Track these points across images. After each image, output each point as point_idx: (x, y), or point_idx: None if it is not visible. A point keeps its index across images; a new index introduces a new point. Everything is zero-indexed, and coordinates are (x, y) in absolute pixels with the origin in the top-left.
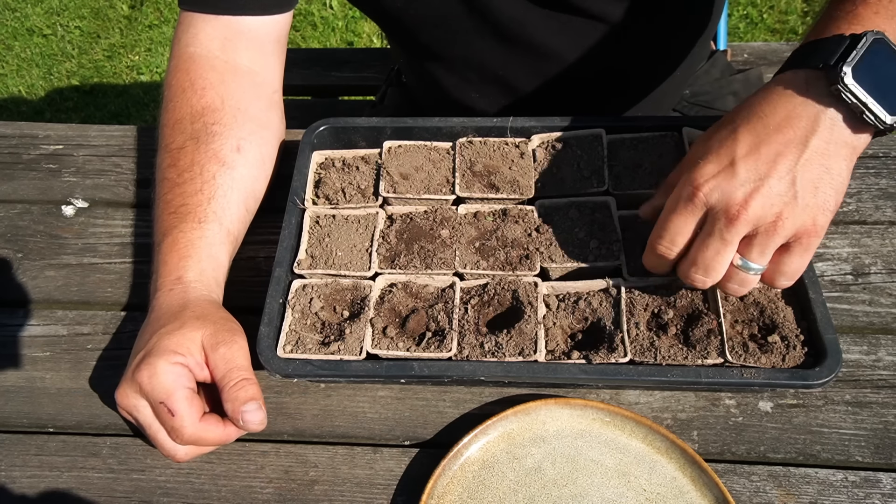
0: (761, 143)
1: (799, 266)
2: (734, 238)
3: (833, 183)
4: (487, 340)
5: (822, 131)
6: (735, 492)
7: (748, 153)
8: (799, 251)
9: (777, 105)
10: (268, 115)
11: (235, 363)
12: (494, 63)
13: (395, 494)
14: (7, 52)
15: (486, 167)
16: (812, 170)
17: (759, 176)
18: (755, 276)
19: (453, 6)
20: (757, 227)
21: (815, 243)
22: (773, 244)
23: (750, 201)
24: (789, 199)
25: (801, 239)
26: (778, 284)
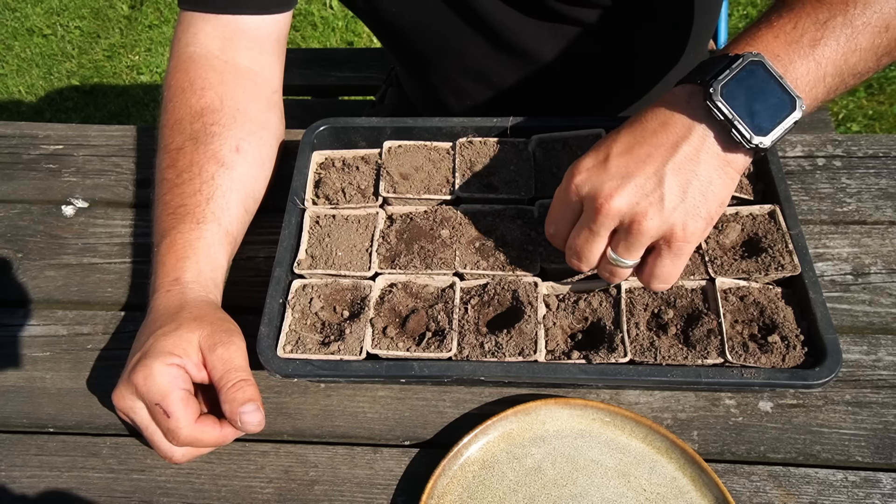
0: (635, 144)
1: (670, 271)
2: (600, 230)
3: (703, 188)
4: (487, 340)
5: (692, 139)
6: (735, 492)
7: (622, 152)
8: (669, 255)
9: (658, 113)
10: (267, 115)
11: (233, 364)
12: (489, 71)
13: (395, 494)
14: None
15: (486, 167)
16: (681, 173)
17: (627, 173)
18: (626, 270)
19: (446, 14)
20: (622, 221)
21: (687, 249)
22: (638, 242)
23: (614, 195)
24: (655, 199)
25: (670, 242)
26: (653, 287)
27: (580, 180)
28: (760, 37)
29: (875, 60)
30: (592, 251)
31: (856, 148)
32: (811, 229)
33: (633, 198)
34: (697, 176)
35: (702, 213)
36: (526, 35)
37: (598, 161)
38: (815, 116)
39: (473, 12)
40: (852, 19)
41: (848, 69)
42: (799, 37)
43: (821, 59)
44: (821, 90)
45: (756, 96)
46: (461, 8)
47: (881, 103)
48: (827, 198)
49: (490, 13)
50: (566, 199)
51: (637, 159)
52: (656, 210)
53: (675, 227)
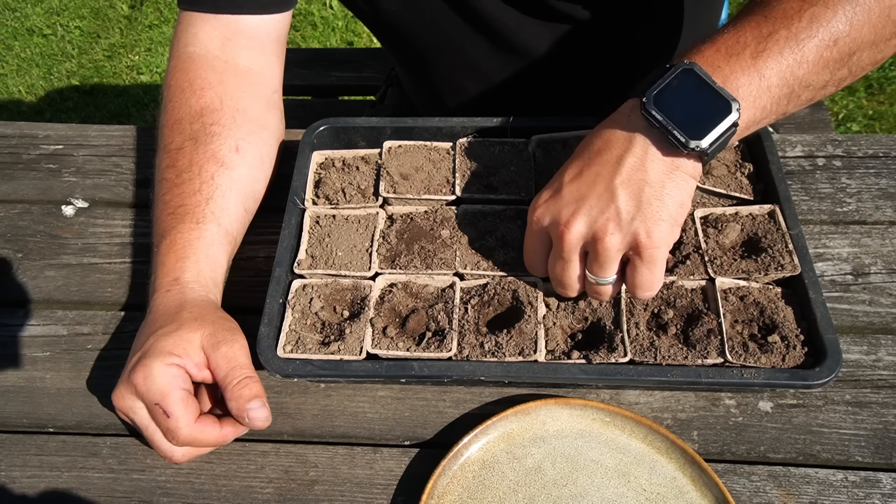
0: (584, 167)
1: (649, 278)
2: (570, 255)
3: (657, 193)
4: (487, 340)
5: (635, 150)
6: (735, 492)
7: (573, 178)
8: (642, 264)
9: (602, 132)
10: (267, 115)
11: (237, 362)
12: (489, 70)
13: (395, 494)
14: (7, 52)
15: (486, 167)
16: (631, 185)
17: (580, 196)
18: (609, 287)
19: (446, 13)
20: (586, 243)
21: (658, 255)
22: (608, 258)
23: (573, 221)
24: (612, 215)
25: (639, 252)
26: (639, 296)
27: (539, 214)
28: (702, 51)
29: (829, 74)
30: (571, 277)
31: (856, 148)
32: (811, 229)
33: (590, 218)
34: (648, 183)
35: (662, 217)
36: (526, 34)
37: (552, 192)
38: (815, 116)
39: (473, 11)
40: (797, 33)
41: (796, 81)
42: (741, 49)
43: (763, 70)
44: (766, 100)
45: (689, 102)
46: (461, 7)
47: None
48: (827, 198)
49: (490, 12)
50: (533, 234)
51: (587, 181)
52: (615, 225)
53: (638, 236)
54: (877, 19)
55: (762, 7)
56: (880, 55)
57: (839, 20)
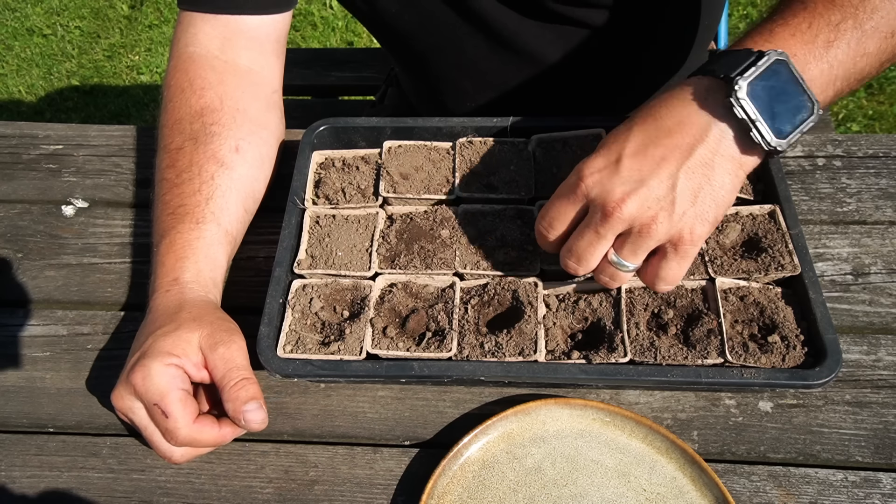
0: (649, 144)
1: (676, 272)
2: (608, 233)
3: (714, 194)
4: (487, 340)
5: (709, 141)
6: (735, 492)
7: (635, 152)
8: (675, 258)
9: (673, 109)
10: (267, 115)
11: (235, 363)
12: (489, 71)
13: (395, 494)
14: (7, 52)
15: (486, 167)
16: (693, 178)
17: (640, 177)
18: (627, 274)
19: (446, 14)
20: (631, 226)
21: (692, 252)
22: (646, 246)
23: (627, 200)
24: (667, 203)
25: (676, 246)
26: (657, 288)
27: (591, 182)
28: (777, 34)
29: (878, 65)
30: (595, 254)
31: (856, 148)
32: (811, 229)
33: (646, 202)
34: (710, 181)
35: (709, 218)
36: (526, 36)
37: (609, 162)
38: None
39: (473, 13)
40: (862, 23)
41: (855, 73)
42: (814, 37)
43: (833, 62)
44: (831, 93)
45: (778, 97)
46: (461, 9)
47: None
48: (827, 198)
49: (489, 14)
50: (571, 199)
51: (651, 162)
52: (667, 214)
53: (683, 231)
54: None
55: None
56: None
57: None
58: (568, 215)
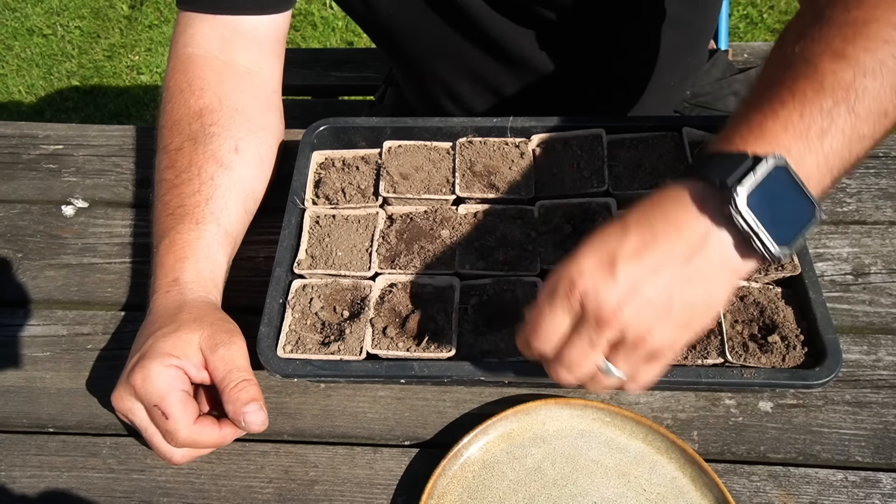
0: (645, 249)
1: (652, 378)
2: (602, 342)
3: (708, 304)
4: (487, 340)
5: (708, 251)
6: (735, 492)
7: (630, 256)
8: (655, 365)
9: (669, 212)
10: (266, 115)
11: (235, 364)
12: (484, 75)
13: (395, 494)
14: (7, 52)
15: (486, 167)
16: (691, 290)
17: (636, 284)
18: (615, 381)
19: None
20: (625, 335)
21: (671, 357)
22: (639, 356)
23: (623, 308)
24: (662, 314)
25: (658, 355)
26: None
27: (584, 286)
28: (769, 129)
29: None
30: (588, 363)
31: None
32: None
33: (642, 312)
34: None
35: (696, 328)
36: (519, 41)
37: (601, 263)
38: None
39: (465, 17)
40: (855, 106)
41: (852, 158)
42: (807, 129)
43: (829, 153)
44: (828, 182)
45: (777, 203)
46: (453, 13)
47: None
48: (827, 198)
49: (482, 21)
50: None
51: (648, 269)
52: (661, 325)
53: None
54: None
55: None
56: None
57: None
58: (560, 322)
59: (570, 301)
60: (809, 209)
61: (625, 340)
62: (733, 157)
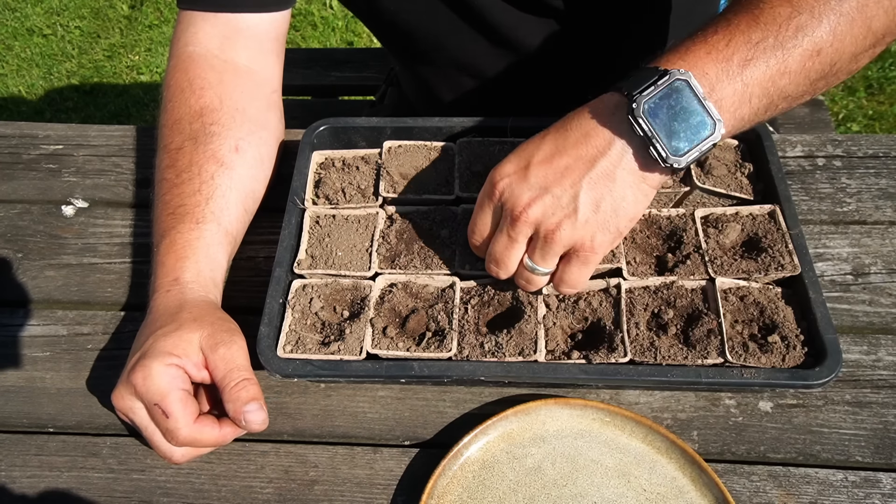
0: (556, 154)
1: (577, 277)
2: (518, 236)
3: (615, 205)
4: (487, 340)
5: (611, 155)
6: (735, 492)
7: (542, 160)
8: (576, 263)
9: (582, 121)
10: (266, 115)
11: (235, 363)
12: (487, 68)
13: (395, 494)
14: (7, 52)
15: (486, 167)
16: (595, 189)
17: (545, 184)
18: (541, 278)
19: (444, 12)
20: (537, 230)
21: (593, 259)
22: (552, 251)
23: (532, 205)
24: (570, 211)
25: (578, 252)
26: (560, 290)
27: (502, 187)
28: (693, 52)
29: (808, 84)
30: (511, 257)
31: (856, 148)
32: (811, 229)
33: (550, 209)
34: (611, 192)
35: (611, 228)
36: (523, 31)
37: (519, 167)
38: (815, 116)
39: (470, 9)
40: (783, 41)
41: (776, 91)
42: (730, 55)
43: (749, 81)
44: (746, 111)
45: (677, 115)
46: (459, 5)
47: (881, 103)
48: (827, 198)
49: (488, 10)
50: (488, 205)
51: (556, 171)
52: (570, 222)
53: (584, 238)
54: (858, 30)
55: (752, 7)
56: (857, 65)
57: (824, 30)
58: (487, 220)
59: (493, 200)
60: (709, 124)
61: (538, 236)
62: (648, 72)
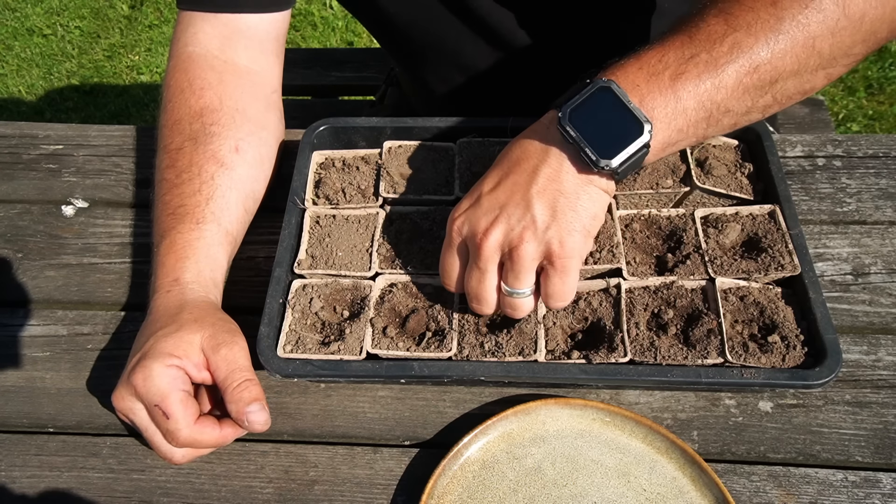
0: (503, 177)
1: (560, 288)
2: (487, 265)
3: (571, 204)
4: (487, 340)
5: (550, 161)
6: (735, 492)
7: (492, 188)
8: (554, 274)
9: (521, 143)
10: (266, 115)
11: (237, 364)
12: (486, 69)
13: (395, 494)
14: (7, 52)
15: (486, 167)
16: (546, 195)
17: (498, 206)
18: (526, 300)
19: (443, 13)
20: (503, 253)
21: (571, 265)
22: (524, 268)
23: (491, 230)
24: (528, 223)
25: (552, 262)
26: (550, 306)
27: (459, 224)
28: (625, 67)
29: (750, 100)
30: (487, 290)
31: (856, 148)
32: (811, 229)
33: (507, 226)
34: (563, 194)
35: (576, 228)
36: (522, 32)
37: (472, 201)
38: (815, 116)
39: (471, 12)
40: (717, 58)
41: (714, 105)
42: (662, 70)
43: (681, 93)
44: (682, 121)
45: (603, 120)
46: (458, 8)
47: (881, 103)
48: (827, 198)
49: (486, 12)
50: (451, 246)
51: (505, 191)
52: (531, 233)
53: (552, 245)
54: (801, 49)
55: (689, 27)
56: (807, 85)
57: (760, 48)
58: (455, 262)
59: (453, 238)
60: (636, 129)
61: (505, 258)
62: (578, 86)
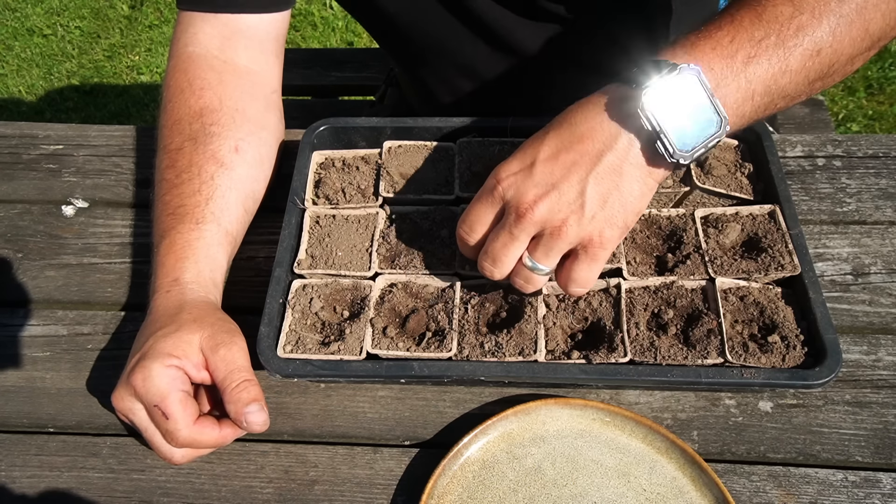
0: (562, 150)
1: (587, 275)
2: (521, 235)
3: (622, 200)
4: (487, 340)
5: (617, 149)
6: (735, 492)
7: (548, 157)
8: (585, 260)
9: (587, 115)
10: (266, 115)
11: (236, 364)
12: (485, 70)
13: (395, 494)
14: (7, 52)
15: (486, 167)
16: (602, 184)
17: (552, 181)
18: (541, 277)
19: (442, 14)
20: (543, 228)
21: (602, 255)
22: (558, 248)
23: (539, 203)
24: (576, 207)
25: (586, 248)
26: (569, 291)
27: (506, 184)
28: (699, 46)
29: (806, 84)
30: (510, 256)
31: (856, 148)
32: (811, 229)
33: (556, 205)
34: (618, 187)
35: (618, 223)
36: (520, 34)
37: (524, 165)
38: (815, 116)
39: (469, 13)
40: (785, 40)
41: (777, 90)
42: (734, 52)
43: (752, 78)
44: (748, 108)
45: (684, 109)
46: (457, 8)
47: (881, 103)
48: (827, 198)
49: (486, 14)
50: (489, 201)
51: (562, 167)
52: (577, 218)
53: (592, 234)
54: (857, 32)
55: (755, 4)
56: (852, 67)
57: (824, 31)
58: (486, 218)
59: (494, 196)
60: (716, 121)
61: (543, 233)
62: (657, 64)
